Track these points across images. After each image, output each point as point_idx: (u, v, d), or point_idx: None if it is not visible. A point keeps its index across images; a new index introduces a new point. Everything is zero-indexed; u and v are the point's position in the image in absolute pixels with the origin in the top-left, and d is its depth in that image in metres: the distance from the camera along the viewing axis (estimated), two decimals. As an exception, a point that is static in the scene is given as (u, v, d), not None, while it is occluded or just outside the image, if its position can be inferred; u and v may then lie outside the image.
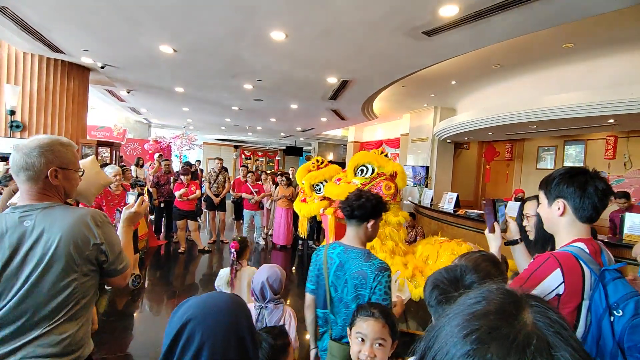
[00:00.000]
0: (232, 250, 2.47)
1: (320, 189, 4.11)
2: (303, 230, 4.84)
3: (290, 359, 1.36)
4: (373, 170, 3.08)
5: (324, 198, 4.11)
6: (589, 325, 1.01)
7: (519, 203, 4.87)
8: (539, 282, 1.04)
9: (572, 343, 0.39)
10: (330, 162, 4.33)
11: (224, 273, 2.51)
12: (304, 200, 4.03)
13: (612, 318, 0.95)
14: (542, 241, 1.62)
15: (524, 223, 1.74)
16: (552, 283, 1.03)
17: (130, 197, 1.59)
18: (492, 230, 1.38)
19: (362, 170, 3.13)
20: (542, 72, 5.24)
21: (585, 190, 1.09)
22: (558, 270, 1.03)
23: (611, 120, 4.75)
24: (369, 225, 1.62)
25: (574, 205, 1.11)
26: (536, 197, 1.73)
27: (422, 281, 2.76)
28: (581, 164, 6.78)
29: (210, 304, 0.82)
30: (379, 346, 1.21)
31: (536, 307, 0.43)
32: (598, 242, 1.14)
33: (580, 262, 1.05)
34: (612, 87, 4.24)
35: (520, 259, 1.33)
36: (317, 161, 4.37)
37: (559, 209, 1.14)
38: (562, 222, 1.15)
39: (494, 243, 1.36)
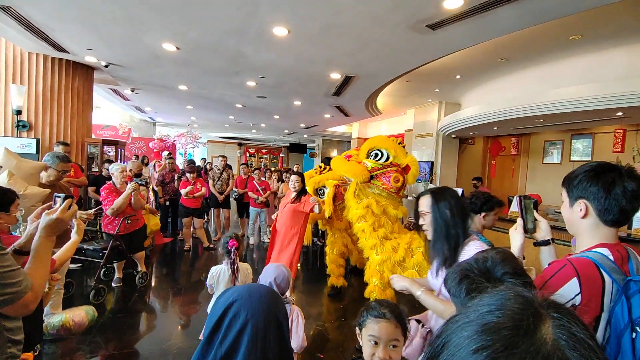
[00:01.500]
0: (232, 248, 2.41)
1: (323, 192, 4.10)
2: (307, 238, 4.60)
3: None
4: (387, 158, 2.93)
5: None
6: (607, 340, 0.92)
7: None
8: (553, 292, 0.95)
9: None
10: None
11: (216, 271, 2.46)
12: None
13: (634, 335, 0.85)
14: (442, 241, 1.49)
15: (420, 222, 1.59)
16: (568, 294, 0.93)
17: (56, 201, 1.29)
18: (526, 230, 1.21)
19: (376, 155, 2.97)
20: (549, 65, 5.16)
21: (611, 191, 0.96)
22: (575, 279, 0.93)
23: (620, 113, 4.67)
24: (482, 216, 2.18)
25: (598, 207, 0.99)
26: (429, 192, 1.58)
27: (411, 263, 2.75)
28: (589, 158, 6.68)
29: (253, 289, 0.92)
30: (393, 347, 1.16)
31: (558, 320, 0.37)
32: (627, 248, 1.02)
33: (601, 270, 0.94)
34: (620, 80, 4.16)
35: (547, 262, 1.19)
36: (320, 167, 4.41)
37: (580, 210, 1.01)
38: (584, 224, 1.03)
39: (518, 241, 1.18)
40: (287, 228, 3.59)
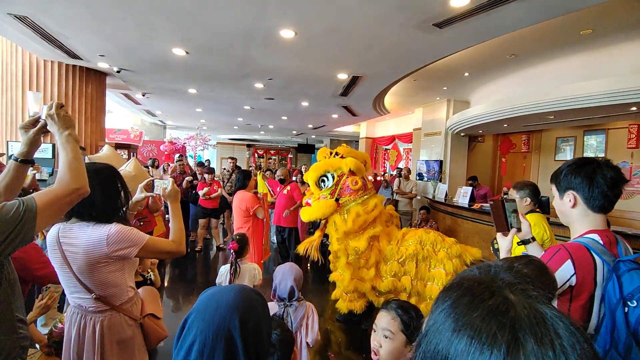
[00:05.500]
0: (232, 251, 2.47)
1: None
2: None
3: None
4: (333, 176, 2.96)
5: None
6: (603, 317, 1.01)
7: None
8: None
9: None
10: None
11: (225, 270, 2.52)
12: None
13: (626, 309, 0.94)
14: None
15: None
16: (564, 275, 1.03)
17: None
18: (507, 233, 1.28)
19: (322, 181, 3.00)
20: (560, 61, 5.08)
21: (593, 179, 1.08)
22: (569, 261, 1.03)
23: (634, 108, 4.57)
24: None
25: (584, 196, 1.10)
26: None
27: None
28: (602, 155, 6.54)
29: (214, 299, 0.79)
30: (385, 337, 1.23)
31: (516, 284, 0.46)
32: (614, 234, 1.12)
33: (592, 253, 1.04)
34: (634, 74, 4.07)
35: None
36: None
37: (570, 200, 1.13)
38: (574, 213, 1.14)
39: (504, 245, 1.26)
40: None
